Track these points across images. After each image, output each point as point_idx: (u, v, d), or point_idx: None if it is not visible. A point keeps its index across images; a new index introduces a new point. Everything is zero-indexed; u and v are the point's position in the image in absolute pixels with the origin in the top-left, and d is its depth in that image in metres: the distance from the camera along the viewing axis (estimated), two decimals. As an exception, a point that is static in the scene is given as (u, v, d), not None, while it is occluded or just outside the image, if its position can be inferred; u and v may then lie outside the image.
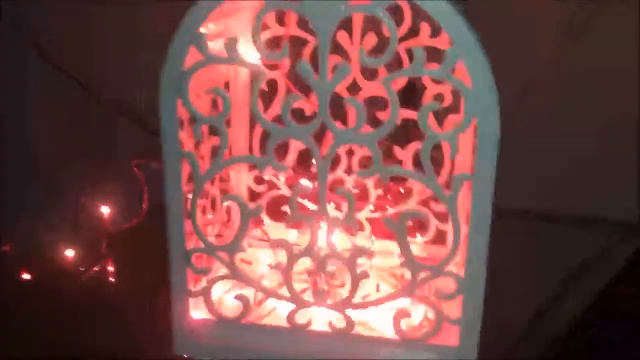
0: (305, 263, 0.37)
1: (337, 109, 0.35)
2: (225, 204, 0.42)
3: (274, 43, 0.41)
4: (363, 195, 0.46)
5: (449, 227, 0.38)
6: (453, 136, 0.32)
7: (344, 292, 0.36)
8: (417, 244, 0.45)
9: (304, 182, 0.42)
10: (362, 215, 0.45)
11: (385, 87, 0.32)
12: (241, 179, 0.46)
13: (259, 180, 0.47)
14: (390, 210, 0.45)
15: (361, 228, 0.44)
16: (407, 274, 0.35)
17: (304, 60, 0.32)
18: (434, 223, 0.45)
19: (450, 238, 0.37)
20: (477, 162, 0.32)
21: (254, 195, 0.47)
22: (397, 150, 0.44)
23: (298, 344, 0.38)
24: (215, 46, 0.34)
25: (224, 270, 0.37)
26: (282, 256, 0.36)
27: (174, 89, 0.34)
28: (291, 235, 0.43)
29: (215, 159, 0.35)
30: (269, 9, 0.32)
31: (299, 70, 0.32)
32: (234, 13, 0.38)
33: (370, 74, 0.41)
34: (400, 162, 0.43)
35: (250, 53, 0.34)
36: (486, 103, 0.31)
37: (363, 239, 0.43)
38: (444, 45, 0.37)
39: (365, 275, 0.36)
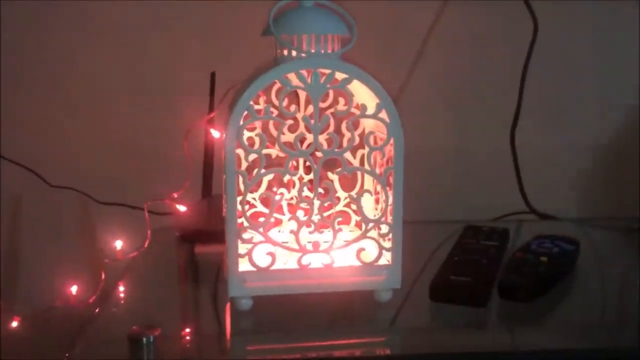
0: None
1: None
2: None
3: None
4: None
5: (381, 197, 0.69)
6: (382, 147, 0.64)
7: (329, 242, 0.65)
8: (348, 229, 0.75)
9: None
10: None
11: (348, 124, 0.63)
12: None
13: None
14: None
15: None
16: (363, 226, 0.66)
17: (306, 116, 0.63)
18: (354, 217, 0.76)
19: (381, 204, 0.67)
20: (395, 160, 0.64)
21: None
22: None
23: (304, 277, 0.65)
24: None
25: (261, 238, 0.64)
26: (293, 224, 0.65)
27: (234, 135, 0.62)
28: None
29: (256, 173, 0.63)
30: (289, 89, 0.62)
31: (304, 120, 0.63)
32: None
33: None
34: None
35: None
36: (396, 129, 0.64)
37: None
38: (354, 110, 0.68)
39: (340, 230, 0.65)
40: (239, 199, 0.64)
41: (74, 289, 0.84)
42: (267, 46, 0.68)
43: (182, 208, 0.83)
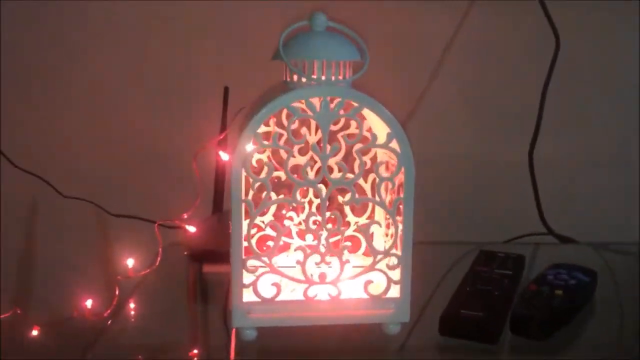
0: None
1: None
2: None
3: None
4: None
5: (390, 229, 0.67)
6: (391, 177, 0.62)
7: (336, 273, 0.64)
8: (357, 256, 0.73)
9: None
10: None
11: (356, 154, 0.61)
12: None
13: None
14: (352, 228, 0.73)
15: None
16: (370, 259, 0.64)
17: (315, 144, 0.61)
18: (364, 242, 0.74)
19: (390, 233, 0.65)
20: (405, 190, 0.62)
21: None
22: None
23: (310, 309, 0.64)
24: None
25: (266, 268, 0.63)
26: (299, 255, 0.63)
27: (240, 163, 0.60)
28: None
29: (262, 201, 0.62)
30: (296, 117, 0.60)
31: (313, 149, 0.61)
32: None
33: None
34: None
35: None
36: (407, 159, 0.62)
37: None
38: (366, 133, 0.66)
39: (347, 261, 0.64)
40: (245, 225, 0.62)
41: (89, 303, 0.83)
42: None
43: (191, 229, 0.82)
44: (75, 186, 1.01)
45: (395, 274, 0.64)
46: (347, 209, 0.72)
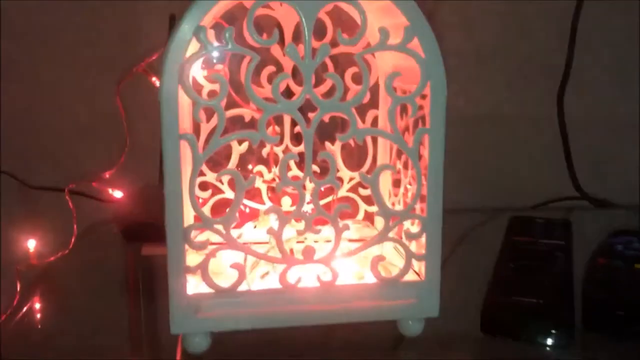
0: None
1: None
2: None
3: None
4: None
5: (407, 178, 0.46)
6: (412, 97, 0.41)
7: (329, 247, 0.42)
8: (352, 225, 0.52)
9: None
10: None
11: (358, 60, 0.40)
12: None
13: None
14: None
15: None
16: (381, 222, 0.43)
17: (292, 44, 0.39)
18: (363, 207, 0.53)
19: (412, 186, 0.44)
20: (432, 118, 0.41)
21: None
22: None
23: (291, 302, 0.42)
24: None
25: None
26: (273, 222, 0.42)
27: (175, 77, 0.38)
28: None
29: (212, 138, 0.40)
30: (260, 4, 0.39)
31: (288, 53, 0.39)
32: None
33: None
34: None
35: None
36: (436, 69, 0.40)
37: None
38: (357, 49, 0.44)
39: (346, 227, 0.42)
40: (187, 177, 0.41)
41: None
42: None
43: (117, 194, 0.59)
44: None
45: (418, 246, 0.43)
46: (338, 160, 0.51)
